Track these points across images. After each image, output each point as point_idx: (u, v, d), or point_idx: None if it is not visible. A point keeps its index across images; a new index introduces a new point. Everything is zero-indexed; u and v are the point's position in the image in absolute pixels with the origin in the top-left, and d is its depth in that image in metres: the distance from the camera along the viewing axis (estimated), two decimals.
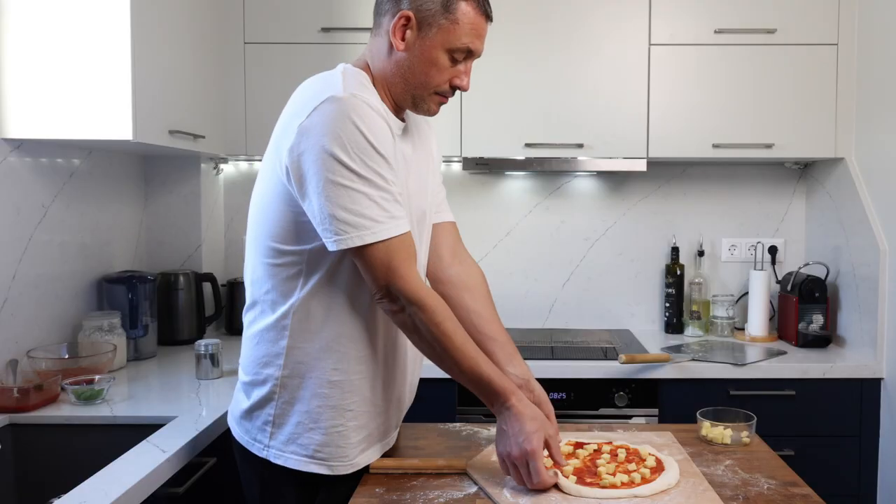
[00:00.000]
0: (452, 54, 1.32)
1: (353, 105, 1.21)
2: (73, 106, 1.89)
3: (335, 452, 1.36)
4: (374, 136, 1.21)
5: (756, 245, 2.81)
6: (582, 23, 2.50)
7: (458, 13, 1.29)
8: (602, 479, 1.29)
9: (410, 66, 1.32)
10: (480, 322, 1.47)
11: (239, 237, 2.88)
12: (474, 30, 1.31)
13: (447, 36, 1.30)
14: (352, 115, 1.20)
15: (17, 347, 1.93)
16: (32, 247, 2.00)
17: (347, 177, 1.20)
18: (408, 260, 1.26)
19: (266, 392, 1.37)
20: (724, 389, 2.28)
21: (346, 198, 1.20)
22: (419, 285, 1.27)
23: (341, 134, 1.19)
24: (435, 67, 1.31)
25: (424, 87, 1.33)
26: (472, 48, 1.32)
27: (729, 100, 2.50)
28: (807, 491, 1.31)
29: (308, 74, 2.51)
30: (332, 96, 1.21)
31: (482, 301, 1.51)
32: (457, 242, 1.59)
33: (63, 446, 1.71)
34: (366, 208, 1.21)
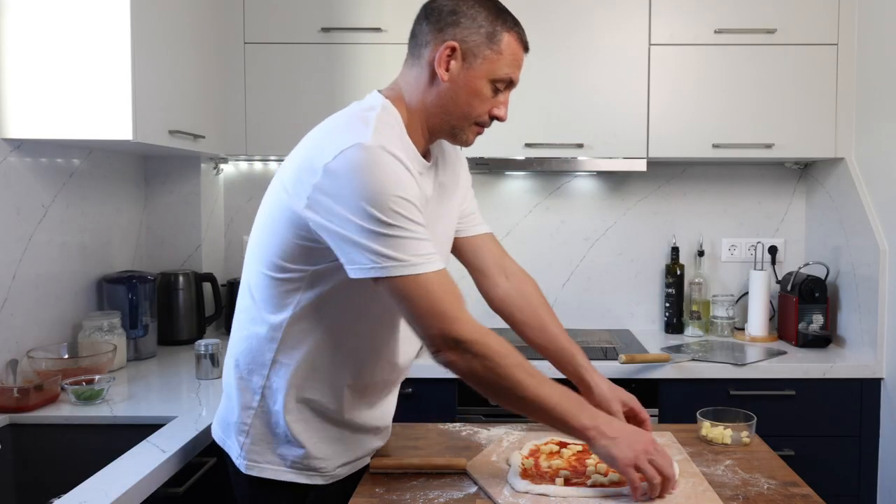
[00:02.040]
0: (495, 84, 1.32)
1: (379, 157, 1.17)
2: (73, 106, 1.89)
3: (313, 464, 1.37)
4: (401, 189, 1.18)
5: (756, 245, 2.81)
6: (582, 23, 2.50)
7: (501, 44, 1.30)
8: (590, 478, 1.30)
9: (454, 97, 1.31)
10: (540, 333, 1.54)
11: (239, 237, 2.88)
12: (515, 60, 1.33)
13: (491, 66, 1.30)
14: (378, 166, 1.16)
15: (17, 347, 1.93)
16: (32, 247, 2.00)
17: (379, 225, 1.16)
18: (456, 301, 1.21)
19: (245, 399, 1.37)
20: (724, 389, 2.28)
21: (379, 240, 1.16)
22: (476, 327, 1.22)
23: (369, 186, 1.16)
24: (478, 98, 1.31)
25: (466, 117, 1.33)
26: (513, 78, 1.34)
27: (729, 100, 2.50)
28: (807, 491, 1.31)
29: (308, 74, 2.54)
30: (359, 143, 1.17)
31: (530, 312, 1.55)
32: (501, 255, 1.59)
33: (63, 446, 1.71)
34: (399, 249, 1.17)
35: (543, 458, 1.41)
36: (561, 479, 1.31)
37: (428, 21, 1.34)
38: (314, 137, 1.28)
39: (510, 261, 1.60)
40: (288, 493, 1.38)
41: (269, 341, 1.33)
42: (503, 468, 1.38)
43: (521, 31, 1.33)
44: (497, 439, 1.54)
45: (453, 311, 1.20)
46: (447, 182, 1.43)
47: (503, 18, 1.31)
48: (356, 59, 2.53)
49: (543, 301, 1.58)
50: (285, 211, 1.25)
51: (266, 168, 2.87)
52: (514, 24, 1.33)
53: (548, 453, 1.44)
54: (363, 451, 1.45)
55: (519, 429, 1.62)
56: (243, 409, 1.37)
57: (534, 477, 1.32)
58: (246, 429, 1.37)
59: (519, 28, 1.33)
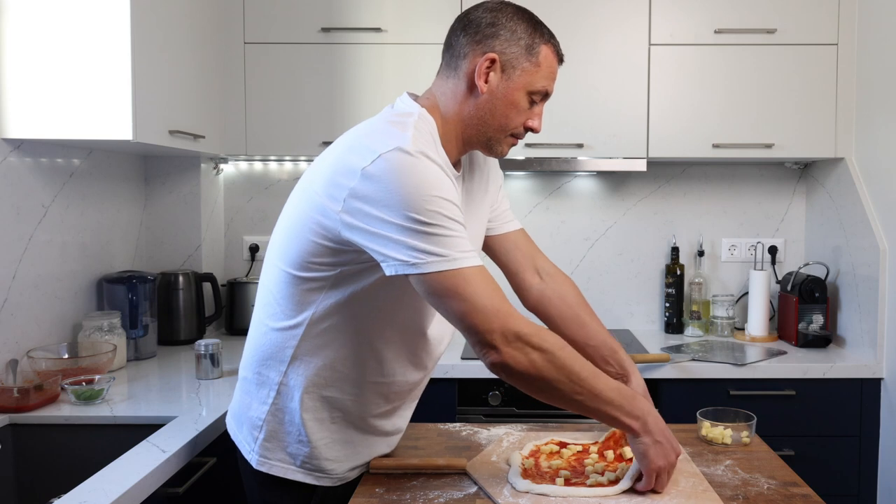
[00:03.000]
0: (532, 96, 1.33)
1: (417, 160, 1.17)
2: (73, 106, 1.89)
3: (322, 465, 1.38)
4: (441, 190, 1.17)
5: (756, 245, 2.81)
6: (582, 23, 2.50)
7: (539, 56, 1.31)
8: (588, 478, 1.30)
9: (492, 109, 1.32)
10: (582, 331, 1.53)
11: (239, 237, 2.88)
12: (552, 72, 1.34)
13: (530, 78, 1.31)
14: (417, 168, 1.16)
15: (17, 347, 1.93)
16: (32, 247, 2.00)
17: (418, 224, 1.15)
18: (503, 296, 1.19)
19: (261, 395, 1.37)
20: (724, 389, 2.28)
21: (418, 237, 1.15)
22: (529, 321, 1.20)
23: (409, 188, 1.15)
24: (515, 109, 1.32)
25: (502, 128, 1.34)
26: (549, 90, 1.35)
27: (729, 100, 2.50)
28: (807, 491, 1.31)
29: (308, 74, 2.54)
30: (400, 147, 1.16)
31: (567, 310, 1.55)
32: (533, 254, 1.59)
33: (63, 446, 1.71)
34: (440, 245, 1.16)
35: (544, 459, 1.41)
36: (561, 479, 1.31)
37: (465, 33, 1.34)
38: (348, 141, 1.26)
39: (544, 259, 1.60)
40: (295, 492, 1.38)
41: (289, 339, 1.32)
42: (503, 468, 1.39)
43: (556, 44, 1.35)
44: (497, 439, 1.55)
45: (505, 305, 1.18)
46: (475, 189, 1.45)
47: (541, 31, 1.33)
48: (356, 59, 2.53)
49: (582, 300, 1.58)
50: (315, 212, 1.23)
51: (266, 168, 2.87)
52: (551, 37, 1.34)
53: (548, 453, 1.44)
54: (373, 456, 1.45)
55: (519, 429, 1.63)
56: (258, 404, 1.37)
57: (534, 477, 1.32)
58: (260, 424, 1.37)
59: (555, 40, 1.35)
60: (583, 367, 1.21)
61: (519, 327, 1.17)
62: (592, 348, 1.50)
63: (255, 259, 2.87)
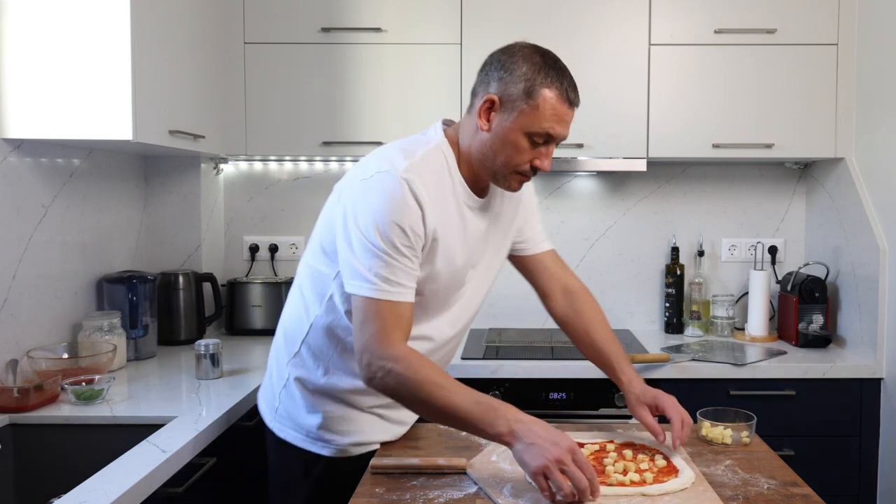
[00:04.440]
0: (532, 137, 1.37)
1: (394, 186, 1.32)
2: (73, 106, 1.89)
3: (325, 436, 1.53)
4: (405, 220, 1.31)
5: (756, 245, 2.81)
6: (582, 23, 2.50)
7: (539, 99, 1.35)
8: (610, 477, 1.29)
9: (492, 147, 1.39)
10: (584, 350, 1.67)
11: (239, 237, 2.88)
12: (555, 116, 1.36)
13: (527, 120, 1.36)
14: (389, 193, 1.32)
15: (17, 347, 1.93)
16: (32, 247, 2.00)
17: (371, 244, 1.31)
18: (397, 329, 1.32)
19: (281, 372, 1.57)
20: (724, 389, 2.28)
21: (359, 251, 1.33)
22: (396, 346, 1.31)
23: (377, 208, 1.32)
24: (514, 149, 1.38)
25: (505, 166, 1.40)
26: (552, 133, 1.38)
27: (729, 100, 2.50)
28: (807, 491, 1.31)
29: (308, 74, 2.55)
30: (389, 171, 1.34)
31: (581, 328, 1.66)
32: (561, 274, 1.70)
33: (63, 446, 1.71)
34: (376, 270, 1.31)
35: None
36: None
37: (481, 71, 1.43)
38: (374, 153, 1.45)
39: (570, 278, 1.71)
40: (303, 458, 1.55)
41: (305, 321, 1.50)
42: (503, 468, 1.38)
43: (563, 87, 1.37)
44: None
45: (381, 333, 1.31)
46: (505, 212, 1.56)
47: (545, 73, 1.36)
48: (356, 59, 2.53)
49: (593, 316, 1.66)
50: (333, 210, 1.44)
51: (266, 168, 2.87)
52: (557, 80, 1.36)
53: None
54: (377, 437, 1.56)
55: None
56: (278, 379, 1.58)
57: None
58: (279, 395, 1.58)
59: (562, 84, 1.37)
60: (435, 389, 1.28)
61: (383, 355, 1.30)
62: (597, 361, 1.64)
63: (255, 259, 2.87)
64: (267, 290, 2.73)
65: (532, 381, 2.30)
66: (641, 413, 1.50)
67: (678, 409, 1.49)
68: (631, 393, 1.54)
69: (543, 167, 1.40)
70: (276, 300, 2.72)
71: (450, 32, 2.51)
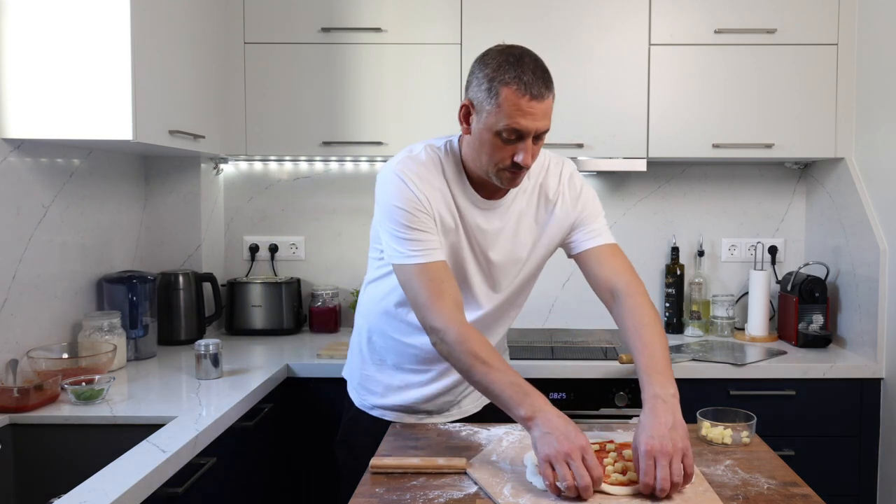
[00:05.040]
0: (501, 135, 1.43)
1: (392, 178, 1.52)
2: (73, 106, 1.89)
3: (365, 396, 1.75)
4: (400, 202, 1.50)
5: (756, 245, 2.81)
6: (582, 23, 2.50)
7: (500, 97, 1.41)
8: (610, 477, 1.29)
9: (474, 148, 1.50)
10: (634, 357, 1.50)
11: (239, 237, 2.88)
12: (518, 111, 1.41)
13: (493, 119, 1.43)
14: (389, 184, 1.52)
15: (17, 347, 1.93)
16: (32, 247, 2.00)
17: (387, 223, 1.51)
18: (429, 292, 1.46)
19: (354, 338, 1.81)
20: (724, 389, 2.28)
21: (386, 234, 1.52)
22: (442, 314, 1.44)
23: (384, 195, 1.53)
24: (491, 148, 1.46)
25: (487, 164, 1.48)
26: (518, 128, 1.42)
27: (729, 100, 2.50)
28: (807, 491, 1.31)
29: (308, 74, 2.55)
30: (391, 167, 1.54)
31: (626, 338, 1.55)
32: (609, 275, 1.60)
33: (63, 446, 1.71)
34: (397, 244, 1.50)
35: None
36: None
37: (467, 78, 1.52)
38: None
39: (617, 278, 1.59)
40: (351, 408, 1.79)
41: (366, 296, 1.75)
42: (503, 468, 1.38)
43: (521, 81, 1.40)
44: (497, 439, 1.54)
45: (426, 300, 1.46)
46: (531, 211, 1.63)
47: (503, 70, 1.41)
48: (356, 59, 2.53)
49: (630, 324, 1.53)
50: None
51: (266, 168, 2.87)
52: (515, 75, 1.40)
53: None
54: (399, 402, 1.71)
55: (519, 429, 1.62)
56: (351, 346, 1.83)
57: None
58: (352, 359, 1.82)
59: (520, 77, 1.40)
60: (478, 363, 1.39)
61: (431, 323, 1.45)
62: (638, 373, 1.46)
63: (255, 259, 2.87)
64: (267, 290, 2.73)
65: (532, 381, 2.26)
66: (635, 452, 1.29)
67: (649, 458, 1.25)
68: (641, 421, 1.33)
69: (521, 162, 1.44)
70: (276, 300, 2.73)
71: (450, 32, 2.51)
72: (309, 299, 2.83)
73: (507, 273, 1.65)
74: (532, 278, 1.72)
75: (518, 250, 1.64)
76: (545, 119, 1.45)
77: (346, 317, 2.86)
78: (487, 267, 1.62)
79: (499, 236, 1.60)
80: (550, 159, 1.67)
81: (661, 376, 1.38)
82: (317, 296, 2.77)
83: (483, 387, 1.40)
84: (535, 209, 1.64)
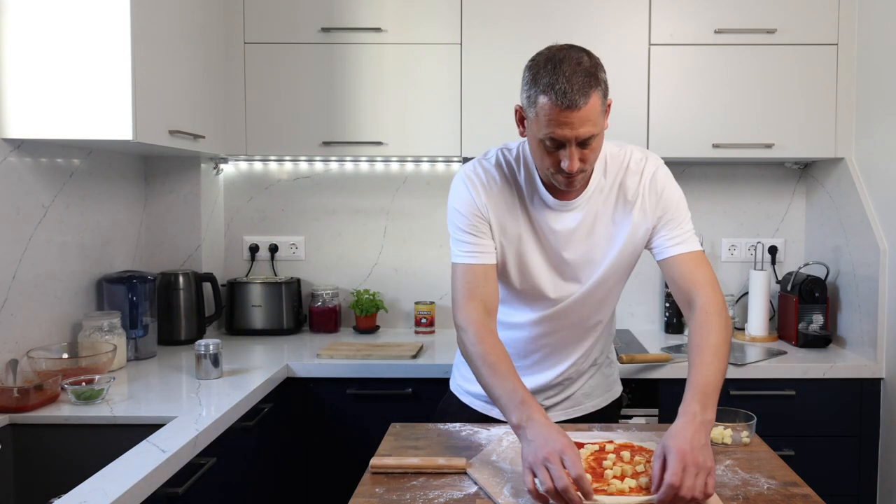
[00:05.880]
0: (544, 143, 1.45)
1: (458, 179, 1.62)
2: (73, 106, 1.89)
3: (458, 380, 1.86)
4: (457, 202, 1.60)
5: (756, 245, 2.81)
6: (582, 23, 2.49)
7: (537, 107, 1.42)
8: (609, 484, 1.29)
9: (530, 152, 1.55)
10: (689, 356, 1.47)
11: (239, 237, 2.88)
12: (553, 120, 1.41)
13: (534, 127, 1.45)
14: (457, 189, 1.62)
15: (17, 347, 1.93)
16: (32, 247, 2.00)
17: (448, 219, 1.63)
18: (467, 292, 1.55)
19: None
20: (724, 389, 2.26)
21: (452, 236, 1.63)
22: (466, 313, 1.53)
23: (451, 195, 1.64)
24: (539, 153, 1.49)
25: (542, 169, 1.53)
26: (555, 136, 1.42)
27: (729, 100, 2.50)
28: (807, 491, 1.31)
29: (308, 74, 2.55)
30: (463, 168, 1.63)
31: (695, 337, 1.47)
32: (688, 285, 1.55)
33: (63, 446, 1.71)
34: (452, 241, 1.62)
35: None
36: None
37: None
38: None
39: (695, 290, 1.53)
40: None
41: None
42: (503, 468, 1.38)
43: (554, 91, 1.39)
44: (497, 439, 1.54)
45: (460, 299, 1.55)
46: (608, 211, 1.60)
47: (539, 80, 1.41)
48: (356, 59, 2.53)
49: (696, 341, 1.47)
50: None
51: (266, 168, 2.87)
52: (550, 85, 1.39)
53: None
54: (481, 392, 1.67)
55: None
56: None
57: None
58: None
59: (553, 87, 1.39)
60: (485, 366, 1.45)
61: (456, 319, 1.54)
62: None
63: (255, 259, 2.87)
64: (267, 290, 2.73)
65: None
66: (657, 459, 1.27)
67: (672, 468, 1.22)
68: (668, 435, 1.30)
69: (568, 169, 1.44)
70: (276, 300, 2.73)
71: (450, 32, 2.51)
72: (309, 299, 2.83)
73: (581, 272, 1.63)
74: (612, 281, 1.66)
75: (593, 251, 1.61)
76: (585, 125, 1.40)
77: (345, 317, 2.86)
78: (562, 266, 1.62)
79: (572, 236, 1.60)
80: (632, 155, 1.61)
81: (706, 399, 1.35)
82: (317, 296, 2.77)
83: (487, 389, 1.45)
84: (613, 209, 1.60)
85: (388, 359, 2.33)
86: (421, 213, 2.86)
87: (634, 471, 1.33)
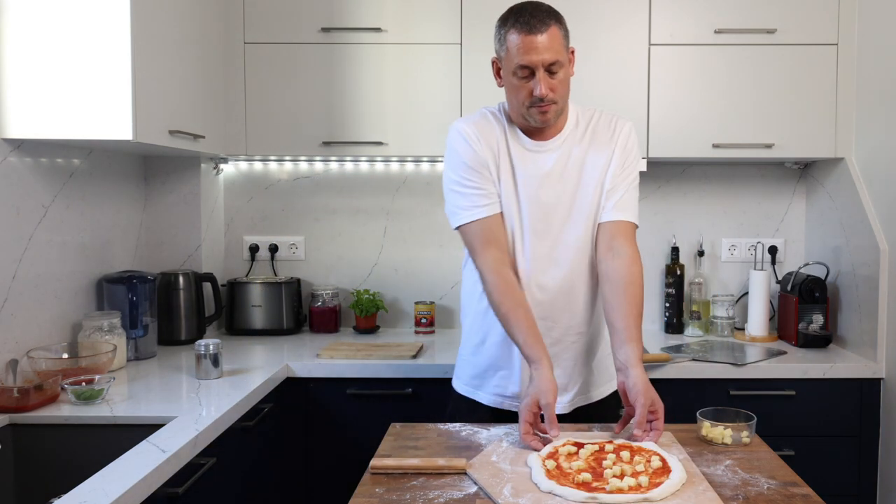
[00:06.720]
0: (516, 75, 1.61)
1: (452, 131, 1.73)
2: (73, 106, 1.89)
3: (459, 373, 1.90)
4: (458, 153, 1.70)
5: (756, 245, 2.81)
6: (582, 23, 2.49)
7: (508, 43, 1.62)
8: (608, 483, 1.29)
9: (506, 95, 1.69)
10: (607, 310, 1.66)
11: (239, 237, 2.88)
12: (522, 49, 1.59)
13: (507, 64, 1.64)
14: (450, 136, 1.73)
15: (17, 347, 1.93)
16: (32, 247, 2.00)
17: (447, 179, 1.72)
18: (482, 243, 1.66)
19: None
20: (724, 389, 2.28)
21: (448, 193, 1.72)
22: (485, 261, 1.65)
23: (445, 158, 1.74)
24: (513, 89, 1.64)
25: (518, 107, 1.66)
26: (526, 63, 1.59)
27: (729, 100, 2.50)
28: (807, 491, 1.31)
29: (308, 74, 2.55)
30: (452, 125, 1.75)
31: (614, 292, 1.65)
32: (614, 237, 1.70)
33: (63, 446, 1.71)
34: (452, 204, 1.70)
35: (563, 460, 1.40)
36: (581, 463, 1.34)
37: None
38: None
39: (624, 244, 1.68)
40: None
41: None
42: (503, 468, 1.39)
43: (520, 22, 1.59)
44: (497, 439, 1.54)
45: (477, 247, 1.66)
46: (579, 154, 1.72)
47: (507, 21, 1.62)
48: (356, 59, 2.53)
49: (624, 285, 1.64)
50: None
51: (266, 168, 2.87)
52: (514, 20, 1.60)
53: (566, 454, 1.43)
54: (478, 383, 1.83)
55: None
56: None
57: (558, 478, 1.32)
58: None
59: (518, 20, 1.59)
60: (503, 309, 1.61)
61: (478, 265, 1.67)
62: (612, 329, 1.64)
63: (255, 259, 2.87)
64: (267, 290, 2.73)
65: None
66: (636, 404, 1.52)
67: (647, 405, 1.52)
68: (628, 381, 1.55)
69: (537, 93, 1.59)
70: (276, 300, 2.73)
71: (450, 32, 2.51)
72: (309, 299, 2.83)
73: (557, 213, 1.71)
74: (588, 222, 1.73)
75: (567, 190, 1.71)
76: (549, 52, 1.58)
77: (345, 317, 2.86)
78: (538, 208, 1.70)
79: (547, 177, 1.70)
80: (603, 112, 1.78)
81: (638, 344, 1.59)
82: (317, 296, 2.77)
83: (508, 331, 1.62)
84: (585, 153, 1.72)
85: (388, 359, 2.33)
86: (421, 213, 2.86)
87: (634, 470, 1.33)
